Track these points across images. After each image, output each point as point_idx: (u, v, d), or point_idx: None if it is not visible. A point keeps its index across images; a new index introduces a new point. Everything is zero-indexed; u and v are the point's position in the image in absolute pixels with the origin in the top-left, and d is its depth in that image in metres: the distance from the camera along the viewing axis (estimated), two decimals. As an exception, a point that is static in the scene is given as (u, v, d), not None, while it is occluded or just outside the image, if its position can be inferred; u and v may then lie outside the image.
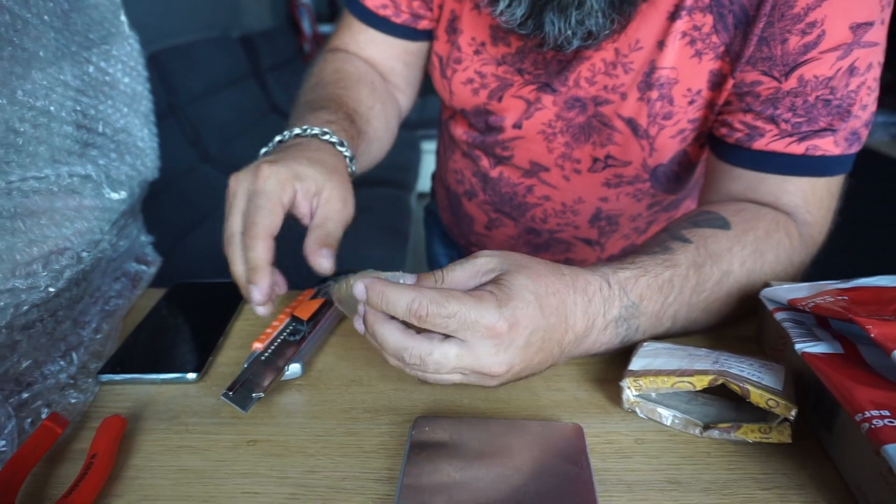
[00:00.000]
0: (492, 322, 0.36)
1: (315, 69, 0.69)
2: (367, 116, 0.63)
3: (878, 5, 0.48)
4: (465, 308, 0.36)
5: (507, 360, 0.37)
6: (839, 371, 0.36)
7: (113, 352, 0.47)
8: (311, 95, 0.63)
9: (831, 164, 0.52)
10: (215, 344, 0.49)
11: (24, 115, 0.43)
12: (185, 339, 0.50)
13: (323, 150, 0.50)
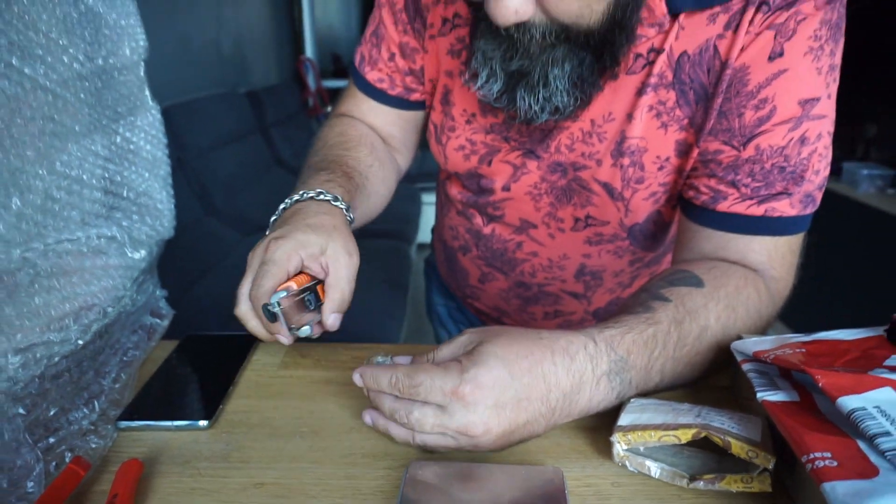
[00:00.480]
0: (454, 386, 0.41)
1: (322, 133, 0.75)
2: (366, 174, 0.69)
3: (822, 83, 0.54)
4: (430, 377, 0.42)
5: (480, 420, 0.42)
6: (793, 417, 0.39)
7: (130, 400, 0.51)
8: (316, 158, 0.69)
9: (789, 225, 0.57)
10: (225, 393, 0.52)
11: (60, 183, 0.48)
12: (197, 388, 0.53)
13: (321, 210, 0.56)
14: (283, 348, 0.61)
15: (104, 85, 0.55)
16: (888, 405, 0.36)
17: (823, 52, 0.53)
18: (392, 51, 0.72)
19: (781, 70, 0.53)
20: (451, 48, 0.67)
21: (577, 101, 0.55)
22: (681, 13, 0.55)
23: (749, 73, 0.54)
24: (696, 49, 0.56)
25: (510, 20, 0.46)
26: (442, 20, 0.67)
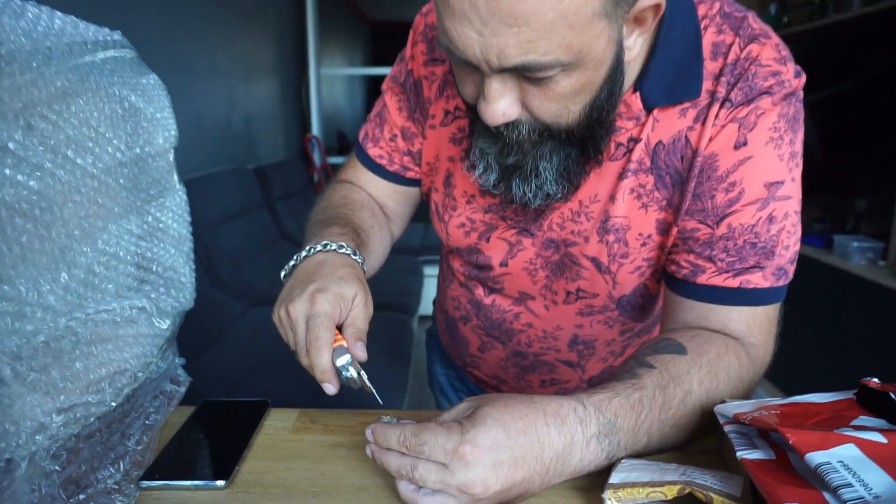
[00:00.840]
0: (454, 445, 0.45)
1: (326, 194, 0.82)
2: (369, 233, 0.75)
3: (785, 168, 0.60)
4: (434, 436, 0.46)
5: (479, 478, 0.45)
6: (769, 473, 0.43)
7: (151, 461, 0.54)
8: (324, 214, 0.76)
9: (764, 296, 0.62)
10: (240, 455, 0.56)
11: (100, 259, 0.53)
12: (214, 450, 0.57)
13: (345, 263, 0.62)
14: (293, 413, 0.65)
15: (140, 170, 0.62)
16: (851, 460, 0.39)
17: (783, 141, 0.60)
18: (394, 132, 0.80)
19: (746, 157, 0.59)
20: (452, 136, 0.74)
21: (566, 188, 0.61)
22: (655, 108, 0.62)
23: (718, 160, 0.60)
24: (670, 139, 0.62)
25: (499, 121, 0.53)
26: (444, 112, 0.74)
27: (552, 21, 0.45)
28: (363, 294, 0.60)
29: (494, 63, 0.48)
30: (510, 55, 0.47)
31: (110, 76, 0.57)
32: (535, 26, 0.45)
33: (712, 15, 0.62)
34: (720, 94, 0.60)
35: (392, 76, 0.80)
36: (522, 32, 0.45)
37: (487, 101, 0.52)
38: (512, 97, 0.52)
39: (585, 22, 0.46)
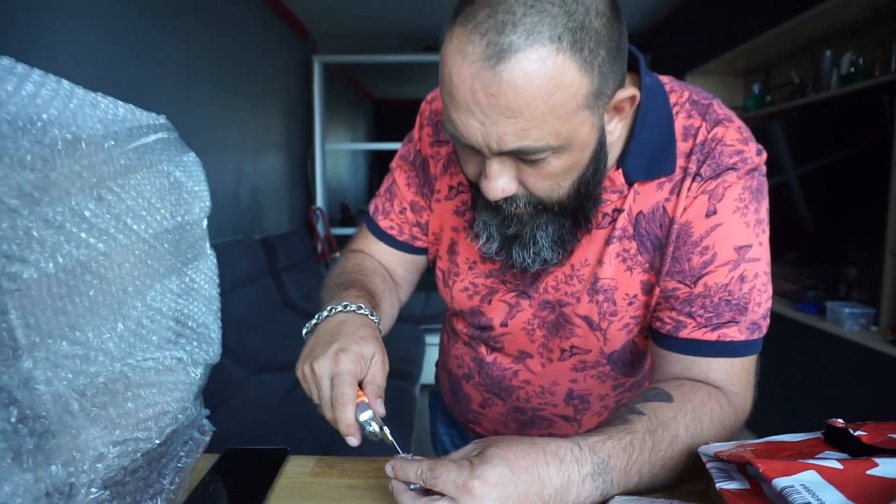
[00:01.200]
0: (465, 479, 0.51)
1: (340, 262, 0.89)
2: (381, 296, 0.82)
3: (752, 233, 0.67)
4: (448, 471, 0.52)
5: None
6: (743, 500, 0.48)
7: (183, 500, 0.59)
8: (340, 279, 0.82)
9: (740, 348, 0.68)
10: (265, 495, 0.61)
11: (147, 313, 0.60)
12: (240, 491, 0.62)
13: (364, 323, 0.68)
14: (311, 460, 0.70)
15: (180, 236, 0.69)
16: (811, 483, 0.45)
17: (749, 209, 0.68)
18: (403, 206, 0.88)
19: (717, 224, 0.67)
20: (456, 209, 0.82)
21: (561, 254, 0.68)
22: (635, 182, 0.70)
23: (692, 227, 0.68)
24: (650, 209, 0.70)
25: (499, 196, 0.61)
26: (448, 187, 0.82)
27: (543, 113, 0.53)
28: (381, 353, 0.66)
29: (494, 147, 0.56)
30: (508, 141, 0.55)
31: (159, 154, 0.66)
32: (529, 117, 0.53)
33: (682, 102, 0.71)
34: (692, 169, 0.68)
35: (401, 155, 0.89)
36: (518, 123, 0.54)
37: (488, 178, 0.60)
38: (510, 175, 0.60)
39: (571, 113, 0.55)
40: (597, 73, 0.55)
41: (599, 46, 0.54)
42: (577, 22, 0.52)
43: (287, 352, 2.97)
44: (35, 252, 0.44)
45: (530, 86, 0.52)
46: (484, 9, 0.53)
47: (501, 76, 0.52)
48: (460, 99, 0.55)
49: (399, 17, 4.76)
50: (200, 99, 3.13)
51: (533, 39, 0.51)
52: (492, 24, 0.52)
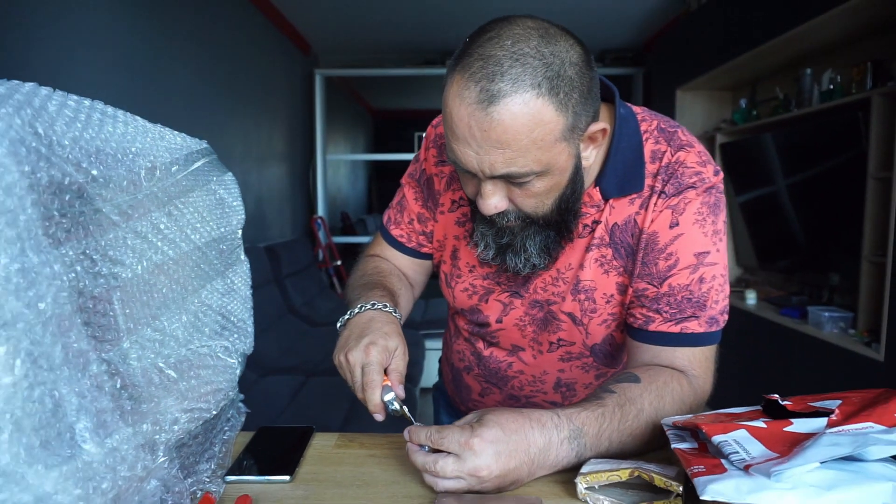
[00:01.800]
0: (466, 439, 0.63)
1: (360, 266, 1.03)
2: (399, 294, 0.95)
3: (710, 241, 0.79)
4: (452, 433, 0.64)
5: (485, 464, 0.62)
6: (689, 455, 0.60)
7: (229, 466, 0.71)
8: (363, 280, 0.95)
9: (700, 339, 0.80)
10: (299, 459, 0.72)
11: (201, 309, 0.71)
12: (276, 457, 0.73)
13: (389, 320, 0.81)
14: (334, 435, 0.82)
15: (223, 245, 0.81)
16: (741, 438, 0.57)
17: (706, 221, 0.80)
18: (411, 217, 1.00)
19: (679, 234, 0.79)
20: (457, 220, 0.94)
21: (547, 260, 0.81)
22: (610, 198, 0.82)
23: (658, 236, 0.80)
24: (623, 221, 0.83)
25: (492, 212, 0.74)
26: (451, 201, 0.95)
27: (526, 145, 0.66)
28: (402, 346, 0.79)
29: (487, 172, 0.69)
30: (498, 168, 0.68)
31: (207, 175, 0.78)
32: (515, 148, 0.66)
33: (651, 130, 0.84)
34: (658, 187, 0.81)
35: (409, 173, 1.02)
36: (506, 153, 0.66)
37: (484, 197, 0.72)
38: (501, 194, 0.73)
39: (550, 144, 0.67)
40: (571, 112, 0.67)
41: (573, 90, 0.67)
42: (553, 71, 0.65)
43: (292, 355, 3.09)
44: (129, 257, 0.56)
45: (516, 123, 0.65)
46: (478, 61, 0.65)
47: (492, 116, 0.64)
48: (459, 133, 0.67)
49: (398, 31, 4.91)
50: (208, 112, 3.26)
51: (517, 86, 0.64)
52: (484, 73, 0.64)
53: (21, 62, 1.87)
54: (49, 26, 1.98)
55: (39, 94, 0.49)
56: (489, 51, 0.65)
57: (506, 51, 0.65)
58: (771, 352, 2.90)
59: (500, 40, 0.65)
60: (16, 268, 0.42)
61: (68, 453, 0.45)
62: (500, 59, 0.64)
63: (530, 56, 0.64)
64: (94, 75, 2.22)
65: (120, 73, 2.37)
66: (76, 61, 2.12)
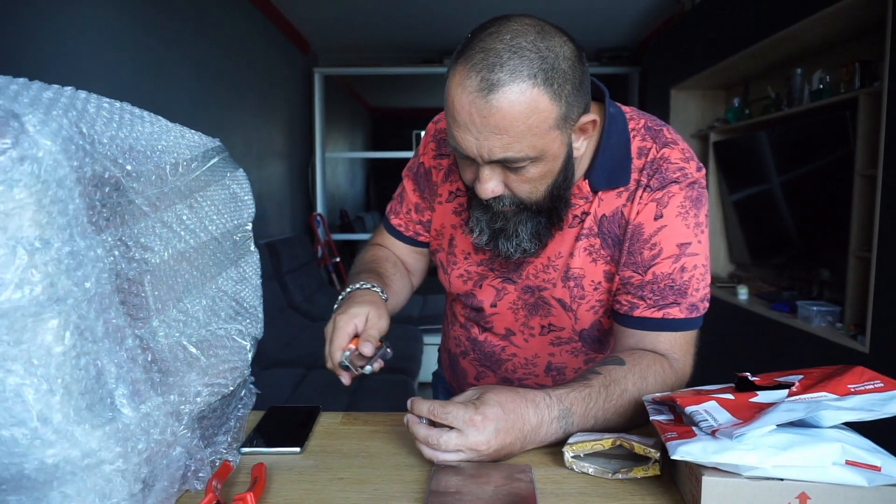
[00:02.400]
0: (471, 416, 0.68)
1: (361, 255, 1.11)
2: (391, 277, 1.03)
3: (692, 233, 0.85)
4: (456, 409, 0.69)
5: (484, 440, 0.68)
6: (664, 424, 0.66)
7: (243, 439, 0.77)
8: (359, 268, 1.04)
9: (681, 324, 0.86)
10: (308, 433, 0.78)
11: (218, 294, 0.77)
12: (287, 431, 0.79)
13: (367, 294, 0.90)
14: (339, 414, 0.87)
15: (237, 236, 0.87)
16: (711, 408, 0.63)
17: (689, 214, 0.86)
18: (409, 207, 1.07)
19: (663, 226, 0.85)
20: (454, 210, 1.00)
21: (537, 245, 0.86)
22: (599, 191, 0.88)
23: (643, 228, 0.86)
24: (611, 212, 0.88)
25: (489, 195, 0.79)
26: (448, 192, 1.01)
27: (522, 131, 0.72)
28: (374, 311, 0.86)
29: (486, 157, 0.75)
30: (496, 152, 0.74)
31: (222, 171, 0.83)
32: (512, 134, 0.72)
33: (638, 128, 0.90)
34: (643, 182, 0.86)
35: (409, 167, 1.08)
36: (503, 138, 0.72)
37: (481, 181, 0.78)
38: (497, 179, 0.78)
39: (544, 132, 0.73)
40: (564, 102, 0.73)
41: (566, 82, 0.73)
42: (548, 64, 0.71)
43: (292, 349, 3.14)
44: (157, 244, 0.61)
45: (513, 110, 0.70)
46: (479, 53, 0.71)
47: (491, 103, 0.70)
48: (460, 120, 0.73)
49: (396, 31, 4.96)
50: (210, 111, 3.31)
51: (515, 76, 0.70)
52: (485, 64, 0.70)
53: (30, 59, 1.93)
54: (59, 26, 2.04)
55: (79, 97, 0.55)
56: (489, 44, 0.71)
57: (505, 44, 0.70)
58: (761, 345, 2.97)
59: (500, 35, 0.71)
60: (67, 251, 0.48)
61: (109, 416, 0.51)
62: (500, 52, 0.70)
63: (527, 49, 0.70)
64: (99, 73, 2.27)
65: (124, 72, 2.42)
66: (83, 58, 2.17)
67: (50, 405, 0.47)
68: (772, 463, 0.54)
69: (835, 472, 0.54)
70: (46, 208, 0.46)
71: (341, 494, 0.64)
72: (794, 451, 0.54)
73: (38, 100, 0.49)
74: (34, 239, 0.46)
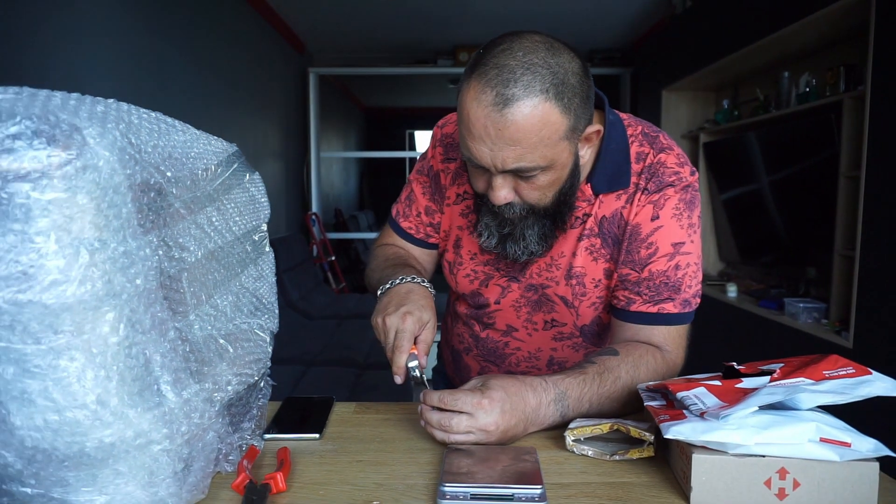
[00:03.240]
0: (479, 400, 0.74)
1: (379, 253, 1.12)
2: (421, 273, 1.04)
3: (685, 234, 0.91)
4: (465, 395, 0.75)
5: (493, 421, 0.74)
6: (658, 409, 0.72)
7: (265, 426, 0.82)
8: (390, 262, 1.05)
9: (675, 318, 0.92)
10: (325, 421, 0.84)
11: (241, 291, 0.82)
12: (306, 419, 0.85)
13: (425, 294, 0.91)
14: (352, 405, 0.93)
15: (256, 236, 0.92)
16: (700, 394, 0.69)
17: (683, 216, 0.91)
18: (419, 210, 1.11)
19: (659, 226, 0.91)
20: (462, 212, 1.06)
21: (543, 248, 0.92)
22: (600, 194, 0.94)
23: (640, 228, 0.92)
24: (611, 214, 0.94)
25: (501, 202, 0.84)
26: (456, 195, 1.06)
27: (535, 143, 0.77)
28: (434, 320, 0.88)
29: (499, 167, 0.80)
30: (509, 163, 0.79)
31: (242, 175, 0.88)
32: (525, 146, 0.77)
33: (636, 134, 0.96)
34: (641, 185, 0.92)
35: (417, 170, 1.12)
36: (517, 150, 0.77)
37: (494, 190, 0.83)
38: (509, 187, 0.84)
39: (555, 142, 0.79)
40: (573, 115, 0.79)
41: (575, 96, 0.78)
42: (559, 79, 0.76)
43: (291, 347, 3.19)
44: (192, 244, 0.67)
45: (527, 124, 0.76)
46: (493, 69, 0.76)
47: (507, 116, 0.76)
48: (475, 132, 0.78)
49: (390, 31, 5.00)
50: (206, 110, 3.35)
51: (529, 91, 0.75)
52: (499, 80, 0.76)
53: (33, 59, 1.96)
54: (60, 26, 2.07)
55: (123, 108, 0.60)
56: (503, 61, 0.76)
57: (518, 61, 0.76)
58: (750, 341, 3.04)
59: (513, 52, 0.77)
60: (121, 250, 0.53)
61: (157, 401, 0.56)
62: (514, 68, 0.75)
63: (539, 66, 0.75)
64: (100, 71, 2.31)
65: (123, 71, 2.46)
66: (84, 58, 2.21)
67: (108, 390, 0.52)
68: (754, 441, 0.60)
69: (810, 448, 0.60)
70: (104, 212, 0.52)
71: (361, 474, 0.70)
72: (775, 430, 0.60)
73: (94, 113, 0.54)
74: (94, 240, 0.51)
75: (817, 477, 0.60)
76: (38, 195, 0.48)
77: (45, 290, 0.49)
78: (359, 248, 6.75)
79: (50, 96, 0.54)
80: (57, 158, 0.49)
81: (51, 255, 0.49)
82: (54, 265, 0.49)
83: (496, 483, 0.64)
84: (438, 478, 0.67)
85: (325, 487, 0.67)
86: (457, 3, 4.30)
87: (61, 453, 0.52)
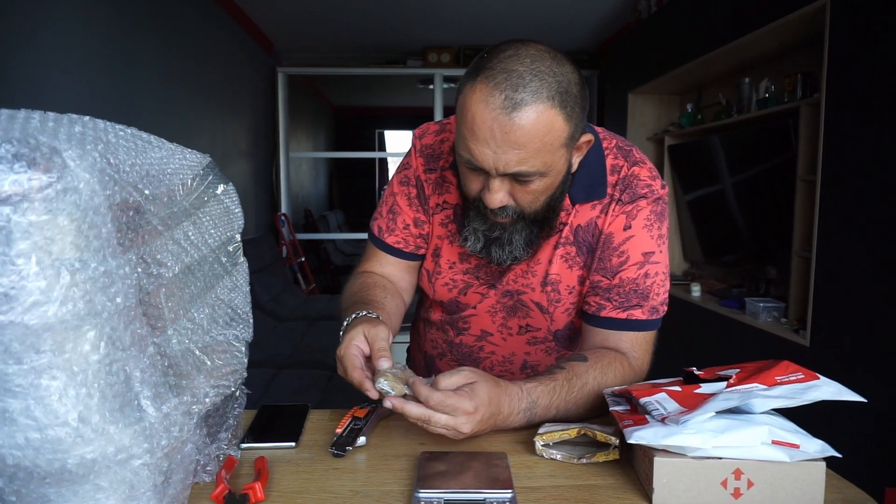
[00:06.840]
0: (466, 407, 0.75)
1: (349, 285, 1.10)
2: (383, 301, 1.03)
3: (655, 244, 0.95)
4: (451, 399, 0.75)
5: (470, 428, 0.76)
6: (622, 414, 0.75)
7: (241, 436, 0.83)
8: (351, 300, 1.03)
9: (643, 325, 0.96)
10: (301, 430, 0.85)
11: (216, 303, 0.83)
12: (282, 428, 0.86)
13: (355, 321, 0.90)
14: (328, 412, 0.94)
15: (231, 247, 0.93)
16: (661, 399, 0.72)
17: (654, 227, 0.95)
18: (407, 223, 1.09)
19: (630, 236, 0.95)
20: (441, 221, 1.07)
21: (528, 253, 0.95)
22: (577, 203, 0.97)
23: (613, 237, 0.96)
24: (586, 223, 0.98)
25: (497, 205, 0.86)
26: (436, 205, 1.07)
27: (538, 148, 0.79)
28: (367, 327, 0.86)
29: (500, 169, 0.82)
30: (511, 166, 0.81)
31: (216, 186, 0.89)
32: (528, 150, 0.79)
33: (611, 147, 0.99)
34: (615, 196, 0.96)
35: (399, 181, 1.10)
36: (520, 153, 0.79)
37: (491, 192, 0.85)
38: (505, 191, 0.86)
39: (555, 149, 0.81)
40: (573, 123, 0.82)
41: (575, 105, 0.81)
42: (563, 88, 0.79)
43: (261, 350, 3.17)
44: (169, 260, 0.68)
45: (533, 128, 0.78)
46: (502, 73, 0.78)
47: (514, 121, 0.78)
48: (480, 134, 0.80)
49: (360, 31, 5.00)
50: (174, 109, 3.31)
51: (537, 97, 0.78)
52: (509, 84, 0.78)
53: (-1, 67, 1.92)
54: (27, 25, 2.03)
55: (99, 126, 0.61)
56: (511, 66, 0.79)
57: (526, 67, 0.78)
58: (713, 339, 3.13)
59: (520, 58, 0.79)
60: (101, 270, 0.54)
61: (137, 416, 0.58)
62: (522, 74, 0.78)
63: (546, 74, 0.78)
64: (69, 66, 2.27)
65: (87, 73, 2.42)
66: (49, 55, 2.17)
67: (89, 407, 0.53)
68: (712, 444, 0.64)
69: (763, 450, 0.64)
70: (84, 233, 0.53)
71: (339, 482, 0.72)
72: (730, 433, 0.64)
73: (72, 134, 0.55)
74: (75, 260, 0.52)
75: (769, 477, 0.64)
76: (19, 218, 0.49)
77: (27, 311, 0.50)
78: (329, 248, 6.73)
79: (28, 117, 0.55)
80: (37, 182, 0.50)
81: (32, 276, 0.50)
82: (35, 286, 0.50)
83: (469, 488, 0.67)
84: (413, 484, 0.69)
85: (303, 496, 0.69)
86: (426, 4, 4.32)
87: (43, 470, 0.53)
